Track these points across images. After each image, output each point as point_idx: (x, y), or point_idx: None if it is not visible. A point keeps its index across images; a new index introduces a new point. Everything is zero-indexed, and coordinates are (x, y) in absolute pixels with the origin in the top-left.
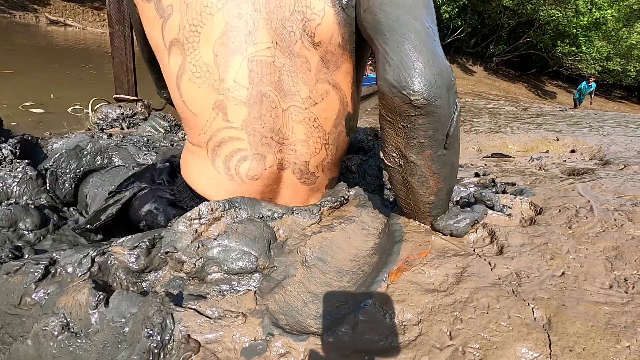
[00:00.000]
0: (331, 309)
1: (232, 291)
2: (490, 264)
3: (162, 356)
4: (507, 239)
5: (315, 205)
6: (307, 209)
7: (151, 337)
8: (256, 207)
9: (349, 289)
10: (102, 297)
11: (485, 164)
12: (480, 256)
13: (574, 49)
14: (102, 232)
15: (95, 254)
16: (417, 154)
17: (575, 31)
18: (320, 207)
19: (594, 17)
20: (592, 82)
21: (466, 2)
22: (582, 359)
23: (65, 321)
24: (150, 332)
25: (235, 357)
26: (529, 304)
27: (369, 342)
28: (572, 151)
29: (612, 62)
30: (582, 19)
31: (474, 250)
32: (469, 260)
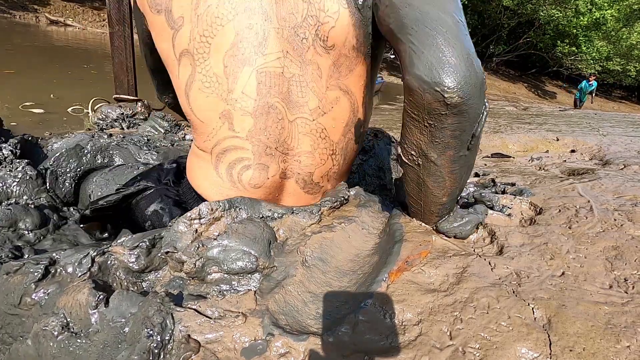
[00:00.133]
0: (331, 309)
1: (232, 291)
2: (490, 264)
3: (162, 356)
4: (507, 239)
5: (315, 205)
6: (307, 209)
7: (151, 337)
8: (256, 207)
9: (349, 289)
10: (102, 297)
11: (485, 164)
12: (480, 256)
13: (574, 49)
14: (102, 227)
15: (95, 254)
16: (439, 154)
17: (575, 31)
18: (320, 207)
19: (594, 17)
20: (593, 81)
21: (466, 2)
22: (582, 359)
23: (65, 321)
24: (150, 332)
25: (235, 357)
26: (529, 304)
27: (369, 342)
28: (572, 151)
29: (612, 62)
30: (582, 19)
31: (474, 250)
32: (469, 260)
